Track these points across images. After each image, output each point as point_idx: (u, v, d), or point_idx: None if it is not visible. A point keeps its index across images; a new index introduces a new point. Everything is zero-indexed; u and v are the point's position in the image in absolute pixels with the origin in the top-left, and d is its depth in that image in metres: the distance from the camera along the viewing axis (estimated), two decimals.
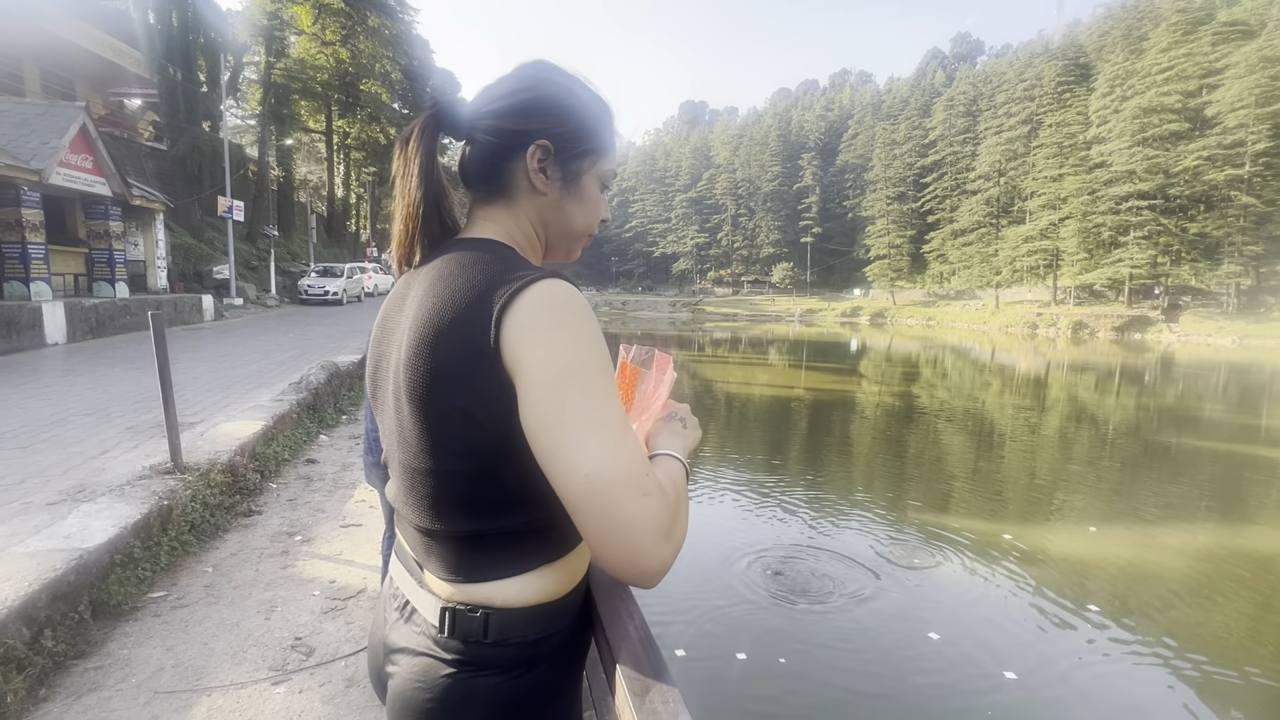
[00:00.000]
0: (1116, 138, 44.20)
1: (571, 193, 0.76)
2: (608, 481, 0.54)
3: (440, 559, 0.69)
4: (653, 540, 0.55)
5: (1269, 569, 4.61)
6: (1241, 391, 16.32)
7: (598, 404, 0.57)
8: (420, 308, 0.65)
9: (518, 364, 0.58)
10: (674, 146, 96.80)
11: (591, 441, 0.55)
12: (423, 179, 0.71)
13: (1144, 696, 3.02)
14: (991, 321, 49.27)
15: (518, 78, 0.75)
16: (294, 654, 2.35)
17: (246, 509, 3.75)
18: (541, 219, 0.76)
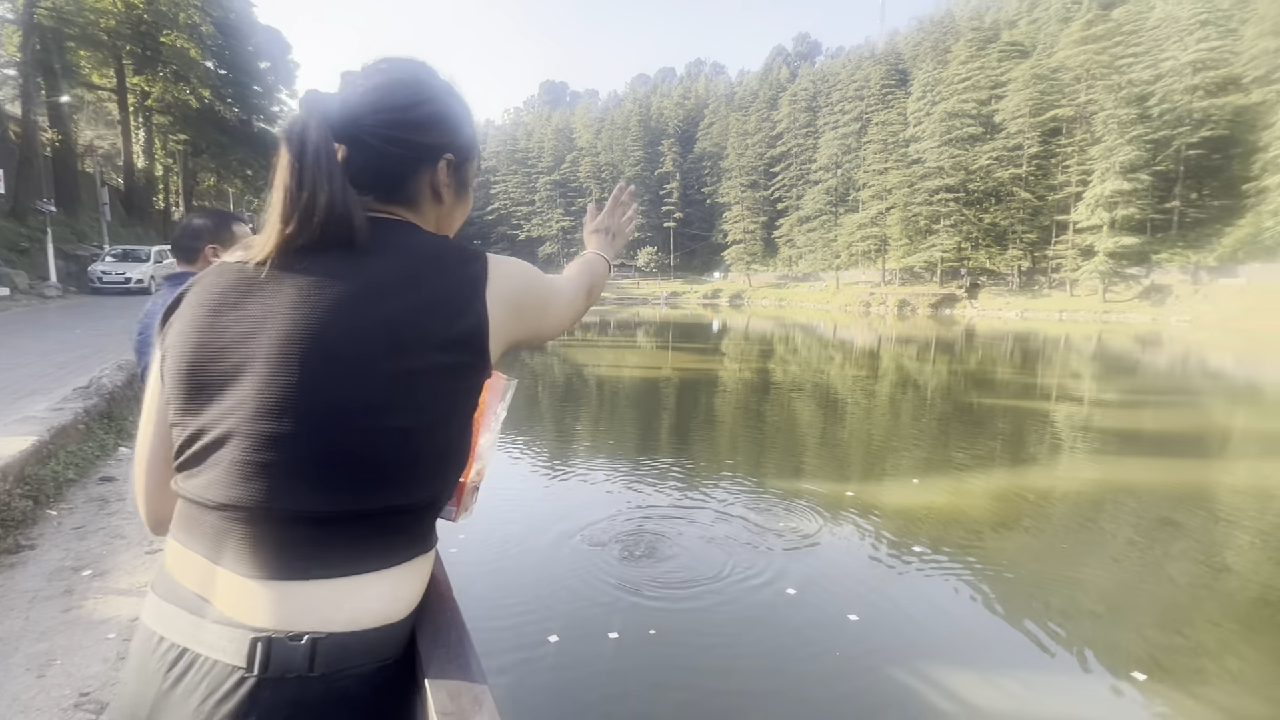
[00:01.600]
0: (928, 137, 50.37)
1: (461, 199, 0.82)
2: (575, 315, 0.91)
3: (263, 553, 0.58)
4: (581, 309, 0.94)
5: (1047, 498, 5.54)
6: (1023, 356, 19.53)
7: (560, 293, 0.86)
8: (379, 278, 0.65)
9: (523, 312, 0.74)
10: (536, 127, 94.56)
11: (567, 306, 0.88)
12: (334, 176, 0.66)
13: (964, 613, 3.49)
14: (833, 301, 54.36)
15: (414, 87, 0.74)
16: (79, 714, 1.95)
17: (13, 544, 3.06)
18: (437, 224, 0.80)
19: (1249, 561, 4.35)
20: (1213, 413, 10.62)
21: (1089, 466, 6.71)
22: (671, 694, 2.82)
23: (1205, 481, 6.30)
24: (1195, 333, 28.80)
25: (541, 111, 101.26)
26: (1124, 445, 7.79)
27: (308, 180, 0.65)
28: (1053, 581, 3.96)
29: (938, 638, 3.29)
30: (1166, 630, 3.39)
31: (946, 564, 4.10)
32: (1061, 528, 4.94)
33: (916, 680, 2.88)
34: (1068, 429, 8.67)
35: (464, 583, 3.75)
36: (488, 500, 4.11)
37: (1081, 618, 3.53)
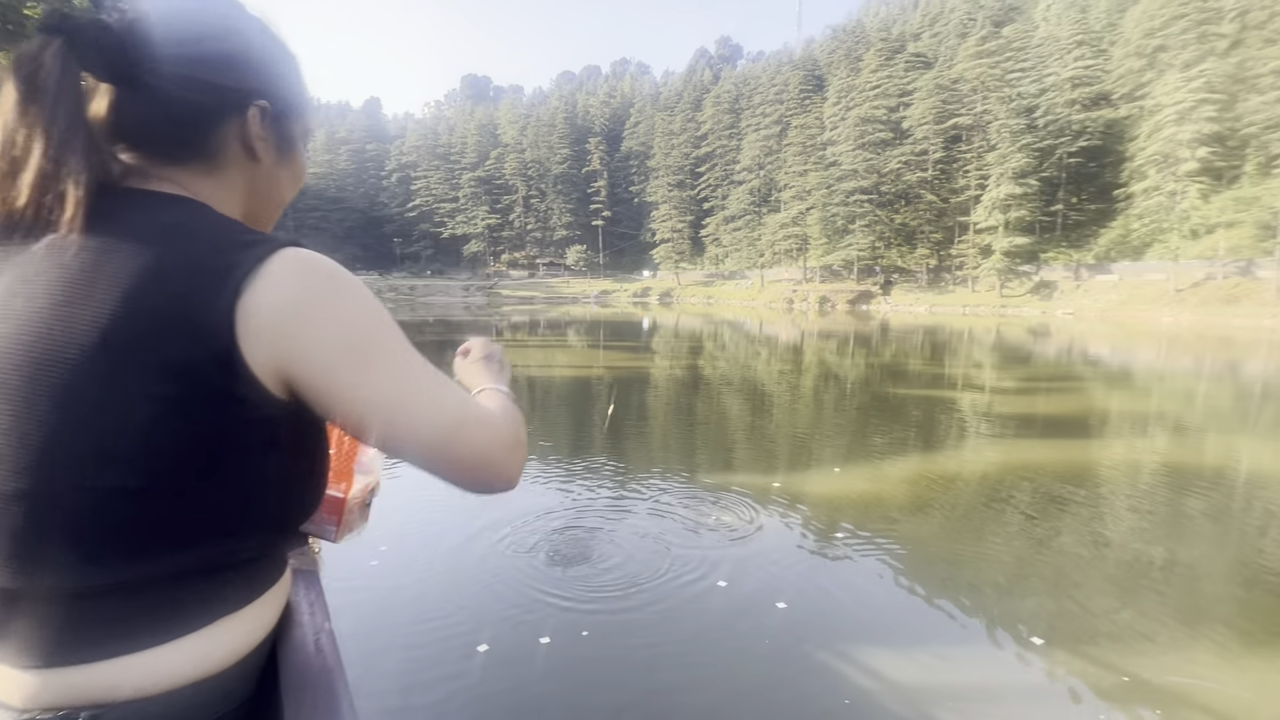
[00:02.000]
0: (844, 141, 52.88)
1: (286, 159, 0.68)
2: (459, 422, 0.56)
3: (20, 638, 0.48)
4: (500, 455, 0.58)
5: (954, 480, 5.91)
6: (932, 348, 20.84)
7: (414, 359, 0.56)
8: (93, 277, 0.48)
9: (296, 349, 0.51)
10: (458, 122, 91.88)
11: (432, 394, 0.56)
12: (73, 124, 0.51)
13: (883, 593, 3.64)
14: (759, 298, 56.07)
15: (211, 17, 0.59)
16: None
17: None
18: (252, 189, 0.66)
19: (1125, 529, 4.80)
20: (1093, 396, 11.70)
21: (990, 449, 7.22)
22: (604, 693, 2.78)
23: (1088, 459, 6.91)
24: (1078, 324, 31.78)
25: (464, 106, 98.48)
26: (1020, 429, 8.43)
27: (24, 132, 0.50)
28: (961, 558, 4.21)
29: (860, 619, 3.42)
30: (1060, 597, 3.67)
31: (866, 547, 4.28)
32: (968, 507, 5.27)
33: (840, 661, 2.97)
34: (972, 415, 9.30)
35: (389, 595, 3.55)
36: (414, 508, 3.90)
37: (987, 590, 3.77)
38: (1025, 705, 2.73)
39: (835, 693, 2.75)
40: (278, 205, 0.71)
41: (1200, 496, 5.53)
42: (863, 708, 2.66)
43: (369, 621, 3.35)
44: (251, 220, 0.68)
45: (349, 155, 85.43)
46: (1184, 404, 10.86)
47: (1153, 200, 39.39)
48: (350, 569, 3.91)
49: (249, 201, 0.66)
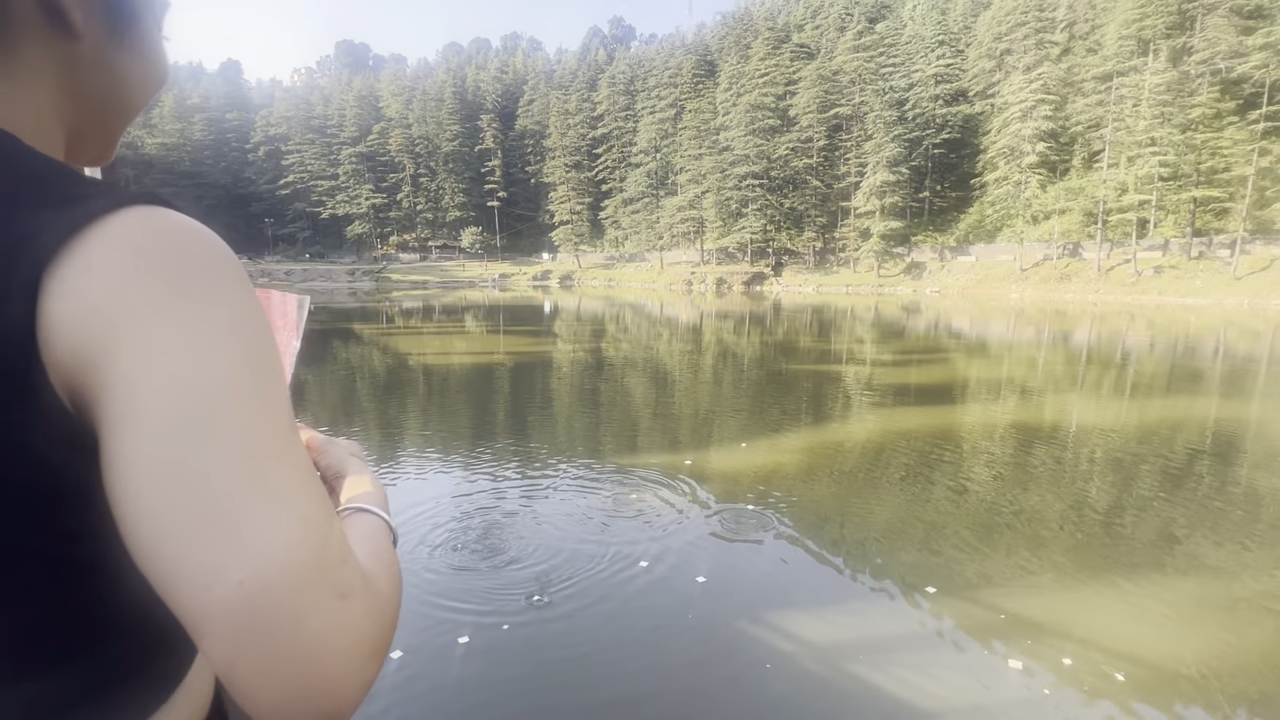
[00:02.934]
0: (736, 127, 54.53)
1: (125, 34, 0.45)
2: (283, 587, 0.31)
3: None
4: (356, 663, 0.34)
5: (839, 451, 6.38)
6: (819, 325, 22.26)
7: (267, 444, 0.34)
8: None
9: (96, 373, 0.33)
10: (334, 92, 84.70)
11: (256, 518, 0.32)
12: None
13: (790, 558, 3.87)
14: (659, 280, 56.98)
15: None
16: None
17: None
18: (72, 88, 0.44)
19: (986, 483, 5.42)
20: (956, 366, 13.05)
21: (873, 417, 7.85)
22: (528, 685, 2.74)
23: (954, 421, 7.71)
24: (943, 300, 35.22)
25: (340, 75, 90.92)
26: (897, 397, 9.24)
27: None
28: (857, 519, 4.57)
29: (774, 585, 3.62)
30: (941, 548, 4.09)
31: (774, 516, 4.52)
32: (858, 471, 5.72)
33: (759, 627, 3.13)
34: (855, 387, 10.06)
35: None
36: None
37: (882, 548, 4.13)
38: (926, 650, 3.01)
39: (758, 659, 2.90)
40: (126, 116, 0.48)
41: (1043, 449, 6.36)
42: (783, 669, 2.82)
43: None
44: (81, 144, 0.47)
45: (205, 124, 76.24)
46: (1028, 370, 12.39)
47: (1002, 189, 44.29)
48: None
49: (70, 109, 0.44)
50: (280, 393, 0.36)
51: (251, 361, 0.35)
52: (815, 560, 3.92)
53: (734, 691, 2.70)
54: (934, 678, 2.77)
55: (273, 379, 0.36)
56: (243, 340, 0.35)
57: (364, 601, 0.35)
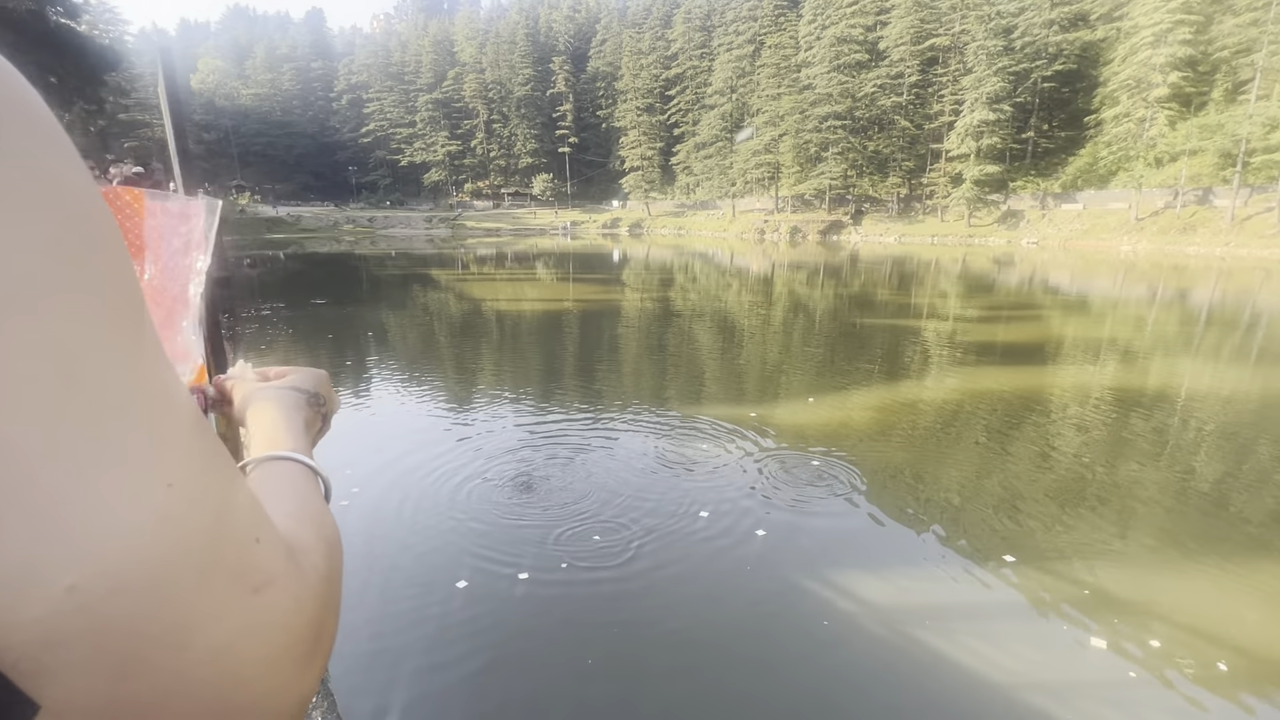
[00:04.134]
0: (819, 63, 51.00)
1: None
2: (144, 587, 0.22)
3: None
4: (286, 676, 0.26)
5: (912, 409, 6.08)
6: (899, 278, 21.06)
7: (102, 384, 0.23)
8: None
9: None
10: (411, 38, 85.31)
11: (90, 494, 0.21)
12: None
13: (855, 518, 3.78)
14: (730, 229, 55.43)
15: None
16: None
17: None
18: None
19: (1078, 450, 5.03)
20: (1050, 324, 12.05)
21: (953, 376, 7.42)
22: (586, 624, 2.84)
23: (1044, 383, 7.17)
24: (1040, 253, 32.41)
25: (416, 20, 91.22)
26: (981, 356, 8.67)
27: None
28: (930, 481, 4.38)
29: (836, 543, 3.55)
30: (1022, 516, 3.86)
31: (840, 474, 4.40)
32: (934, 433, 5.45)
33: (820, 584, 3.09)
34: (936, 344, 9.51)
35: (363, 538, 3.53)
36: (380, 447, 3.81)
37: (956, 512, 3.94)
38: (1001, 620, 2.87)
39: (816, 616, 2.87)
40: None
41: (1144, 417, 5.81)
42: (844, 629, 2.77)
43: (345, 563, 3.34)
44: None
45: (293, 74, 79.11)
46: (1134, 330, 11.28)
47: (1122, 127, 39.45)
48: None
49: None
50: (125, 302, 0.25)
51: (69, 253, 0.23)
52: (881, 521, 3.80)
53: (791, 646, 2.69)
54: (1007, 650, 2.64)
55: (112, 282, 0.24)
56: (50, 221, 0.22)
57: (290, 588, 0.27)
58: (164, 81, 1.65)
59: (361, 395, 6.64)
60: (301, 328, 10.74)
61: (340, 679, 2.40)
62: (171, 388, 0.25)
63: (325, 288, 18.13)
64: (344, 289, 17.74)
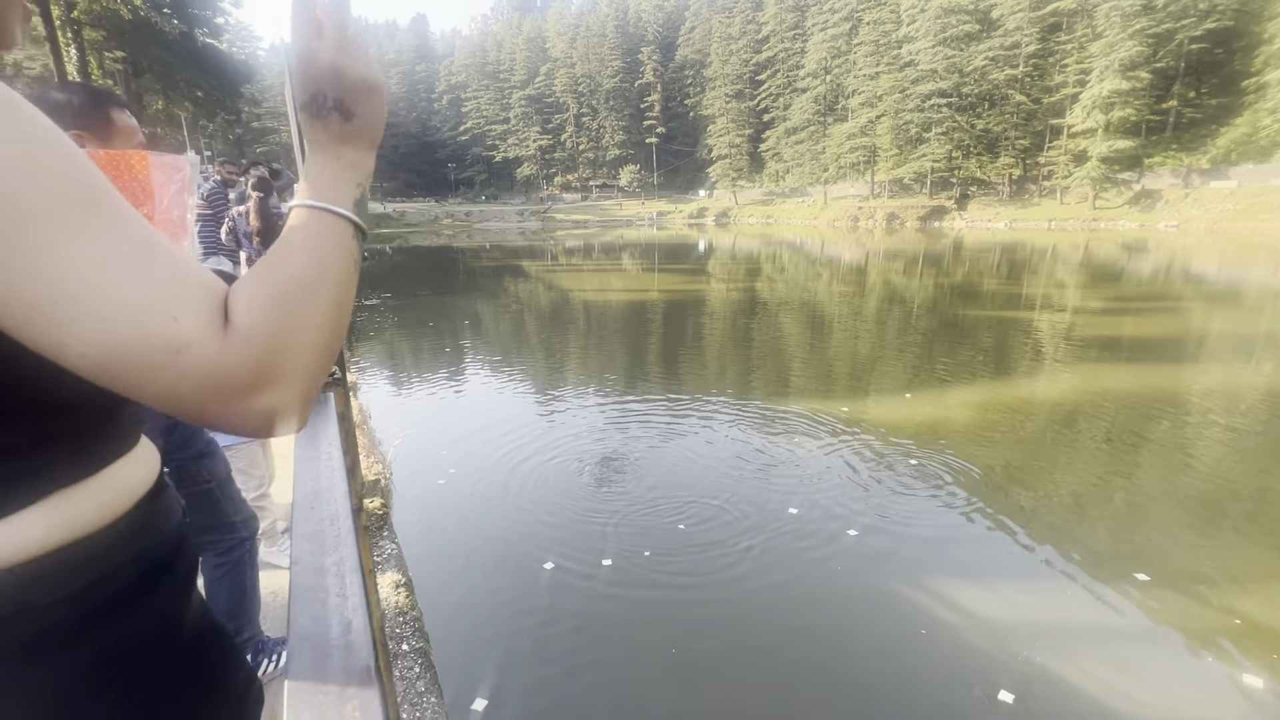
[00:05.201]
0: (922, 37, 47.73)
1: None
2: (119, 354, 0.37)
3: None
4: (237, 388, 0.39)
5: (1030, 409, 5.59)
6: (1009, 267, 19.44)
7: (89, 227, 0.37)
8: None
9: None
10: (506, 37, 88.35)
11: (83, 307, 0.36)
12: None
13: (957, 523, 3.54)
14: (821, 217, 53.37)
15: None
16: None
17: None
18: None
19: (1227, 462, 4.44)
20: (1190, 318, 10.69)
21: (1070, 374, 6.76)
22: (668, 612, 2.85)
23: (1181, 385, 6.38)
24: (1181, 238, 28.79)
25: (511, 19, 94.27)
26: (1104, 353, 7.84)
27: None
28: (1042, 488, 4.03)
29: (933, 548, 3.34)
30: (1157, 532, 3.47)
31: (938, 475, 4.15)
32: (1046, 435, 5.00)
33: (915, 590, 2.93)
34: (1050, 338, 8.70)
35: (459, 515, 3.73)
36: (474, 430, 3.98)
37: (1075, 523, 3.60)
38: (1130, 646, 2.60)
39: (912, 623, 2.72)
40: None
41: None
42: (942, 639, 2.61)
43: (442, 538, 3.54)
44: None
45: (399, 78, 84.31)
46: None
47: None
48: (419, 489, 4.13)
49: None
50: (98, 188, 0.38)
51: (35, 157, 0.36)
52: (985, 526, 3.54)
53: (883, 651, 2.57)
54: (1141, 680, 2.38)
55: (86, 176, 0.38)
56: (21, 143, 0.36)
57: (205, 349, 0.38)
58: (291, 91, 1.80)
59: (458, 380, 7.01)
60: (406, 316, 11.48)
61: (440, 650, 2.55)
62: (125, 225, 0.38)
63: (427, 279, 19.26)
64: (443, 280, 18.77)
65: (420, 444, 4.93)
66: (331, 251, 0.45)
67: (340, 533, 0.62)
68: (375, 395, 6.39)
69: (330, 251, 0.45)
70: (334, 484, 0.74)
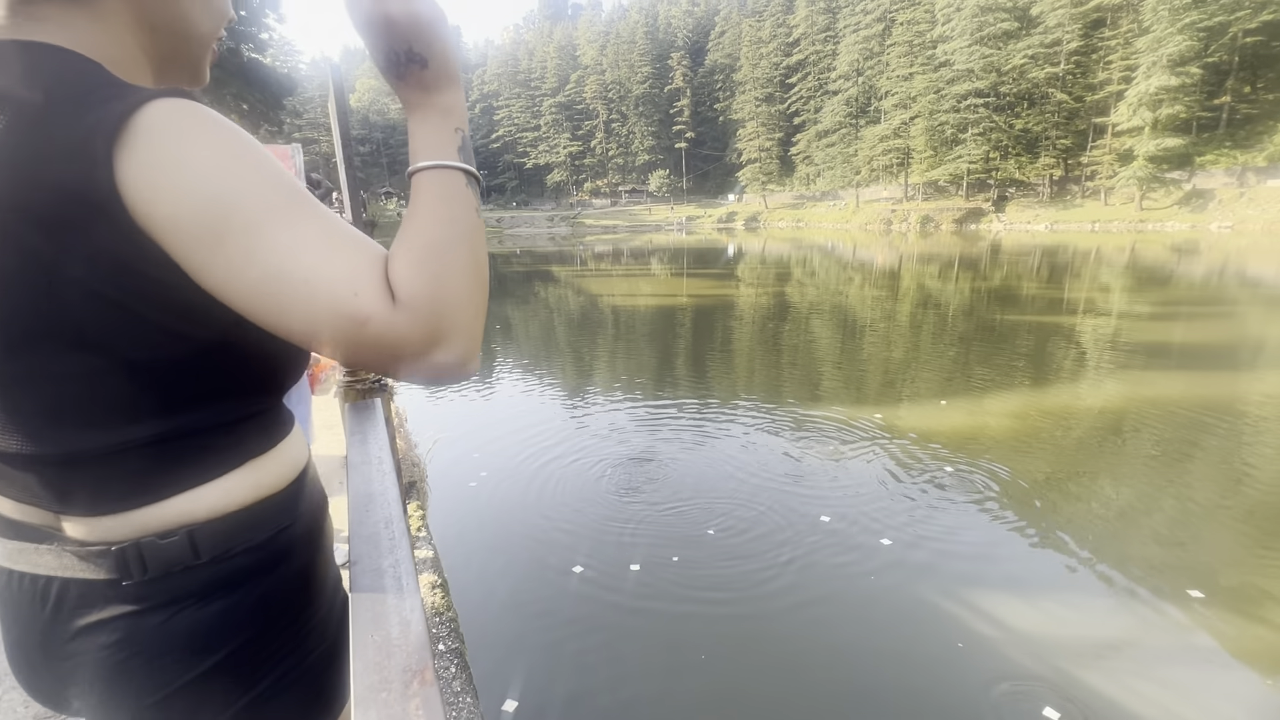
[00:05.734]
0: (958, 36, 46.79)
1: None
2: (325, 327, 0.45)
3: (82, 493, 0.52)
4: (414, 349, 0.47)
5: (1065, 417, 5.41)
6: (1050, 271, 18.85)
7: (287, 224, 0.45)
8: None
9: (160, 213, 0.44)
10: (537, 45, 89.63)
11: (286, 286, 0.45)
12: None
13: (996, 535, 3.45)
14: (853, 220, 52.62)
15: None
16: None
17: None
18: (145, 20, 0.54)
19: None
20: (1246, 323, 10.20)
21: (1116, 382, 6.52)
22: (697, 620, 2.83)
23: (1234, 394, 6.09)
24: (1236, 239, 27.51)
25: (543, 28, 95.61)
26: (1151, 359, 7.53)
27: None
28: (1086, 501, 3.89)
29: (971, 560, 3.26)
30: (1211, 549, 3.32)
31: (975, 484, 4.05)
32: (1090, 445, 4.83)
33: (951, 602, 2.86)
34: (1094, 344, 8.41)
35: (490, 516, 3.79)
36: (508, 434, 4.05)
37: (1124, 537, 3.47)
38: (1186, 667, 2.48)
39: (948, 636, 2.65)
40: (198, 43, 0.58)
41: None
42: (982, 654, 2.54)
43: (473, 540, 3.60)
44: (167, 70, 0.58)
45: None
46: None
47: None
48: (452, 491, 4.20)
49: (149, 40, 0.55)
50: (282, 181, 0.46)
51: (256, 168, 0.45)
52: (1025, 538, 3.44)
53: (918, 664, 2.51)
54: (1193, 702, 2.28)
55: (274, 173, 0.46)
56: (245, 158, 0.45)
57: (384, 320, 0.45)
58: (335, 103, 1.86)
59: (489, 384, 7.12)
60: None
61: (475, 652, 2.59)
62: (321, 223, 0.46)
63: None
64: None
65: (453, 447, 5.01)
66: (454, 207, 0.50)
67: (395, 535, 0.65)
68: (410, 399, 6.53)
69: (452, 208, 0.50)
70: (386, 488, 0.77)
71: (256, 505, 0.58)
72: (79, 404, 0.49)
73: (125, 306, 0.46)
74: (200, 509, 0.54)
